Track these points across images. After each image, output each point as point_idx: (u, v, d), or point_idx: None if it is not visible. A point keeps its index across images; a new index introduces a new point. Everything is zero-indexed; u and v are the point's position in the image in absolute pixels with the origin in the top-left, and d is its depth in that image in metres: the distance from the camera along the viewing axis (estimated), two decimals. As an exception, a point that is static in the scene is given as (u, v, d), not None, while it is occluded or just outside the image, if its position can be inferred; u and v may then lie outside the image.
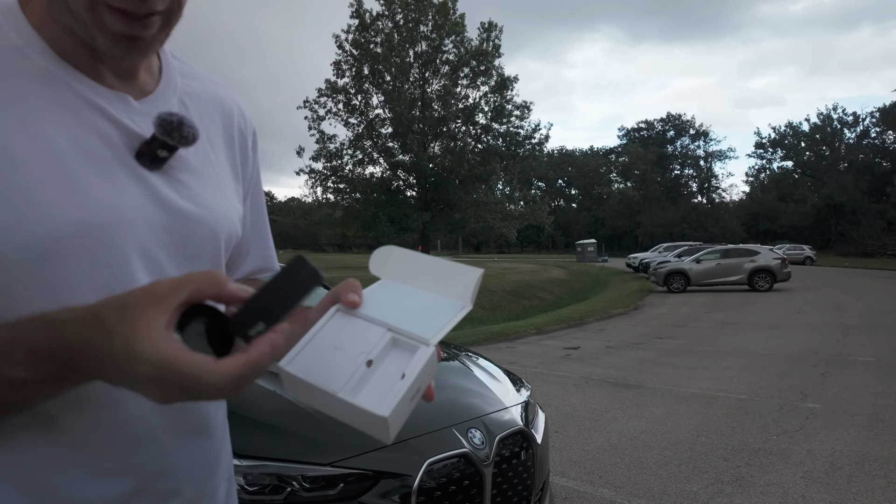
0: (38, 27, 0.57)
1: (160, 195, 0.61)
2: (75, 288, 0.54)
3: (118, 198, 0.57)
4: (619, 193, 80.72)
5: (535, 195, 38.79)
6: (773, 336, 9.16)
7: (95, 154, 0.57)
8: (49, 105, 0.55)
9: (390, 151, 29.76)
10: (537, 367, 7.14)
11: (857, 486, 3.41)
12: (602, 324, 11.53)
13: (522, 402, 2.45)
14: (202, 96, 0.72)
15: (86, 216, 0.54)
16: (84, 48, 0.58)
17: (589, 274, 25.37)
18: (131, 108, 0.61)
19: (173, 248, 0.62)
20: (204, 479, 0.67)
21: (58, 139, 0.55)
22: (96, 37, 0.55)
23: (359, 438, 1.88)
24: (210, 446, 0.68)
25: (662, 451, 4.05)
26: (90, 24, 0.54)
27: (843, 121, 70.77)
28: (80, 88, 0.58)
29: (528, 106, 29.87)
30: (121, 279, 0.57)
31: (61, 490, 0.55)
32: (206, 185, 0.67)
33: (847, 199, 56.90)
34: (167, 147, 0.60)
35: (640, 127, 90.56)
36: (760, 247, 19.44)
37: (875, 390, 5.57)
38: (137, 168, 0.60)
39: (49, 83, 0.56)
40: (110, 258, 0.56)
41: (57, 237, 0.53)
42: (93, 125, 0.58)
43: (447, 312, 0.59)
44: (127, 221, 0.57)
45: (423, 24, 28.77)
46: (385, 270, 0.65)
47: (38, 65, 0.56)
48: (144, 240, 0.59)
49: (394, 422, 0.51)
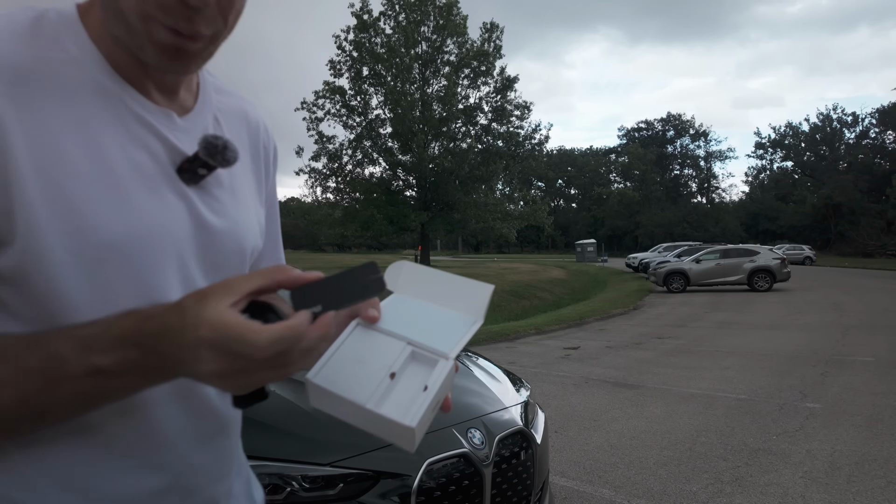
0: (95, 40, 0.59)
1: (197, 210, 0.64)
2: (119, 293, 0.58)
3: (162, 211, 0.61)
4: (618, 193, 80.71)
5: (535, 195, 38.76)
6: (772, 336, 9.16)
7: (143, 168, 0.60)
8: (104, 118, 0.58)
9: (390, 152, 29.75)
10: (537, 367, 7.14)
11: (857, 485, 3.41)
12: (602, 324, 11.53)
13: (522, 402, 2.45)
14: (232, 112, 0.75)
15: (134, 227, 0.58)
16: (134, 63, 0.60)
17: (589, 274, 25.38)
18: (175, 124, 0.64)
19: (204, 259, 0.66)
20: (223, 475, 0.72)
21: (111, 152, 0.58)
22: (146, 48, 0.57)
23: (358, 438, 1.88)
24: (227, 445, 0.72)
25: (662, 451, 4.05)
26: (142, 35, 0.56)
27: (842, 121, 70.80)
28: (131, 103, 0.60)
29: (528, 106, 29.88)
30: (158, 286, 0.60)
31: (101, 486, 0.59)
32: (235, 201, 0.70)
33: (846, 200, 56.89)
34: (207, 166, 0.63)
35: (639, 127, 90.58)
36: (760, 247, 19.46)
37: (874, 390, 5.57)
38: (178, 183, 0.63)
39: (104, 96, 0.58)
40: (151, 267, 0.60)
41: (109, 246, 0.56)
42: (141, 140, 0.60)
43: (461, 327, 0.62)
44: (168, 234, 0.61)
45: (425, 25, 28.77)
46: (398, 285, 0.67)
47: (94, 78, 0.58)
48: (181, 251, 0.63)
49: (419, 431, 0.54)
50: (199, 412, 0.66)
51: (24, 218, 0.52)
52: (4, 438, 0.54)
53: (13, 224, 0.52)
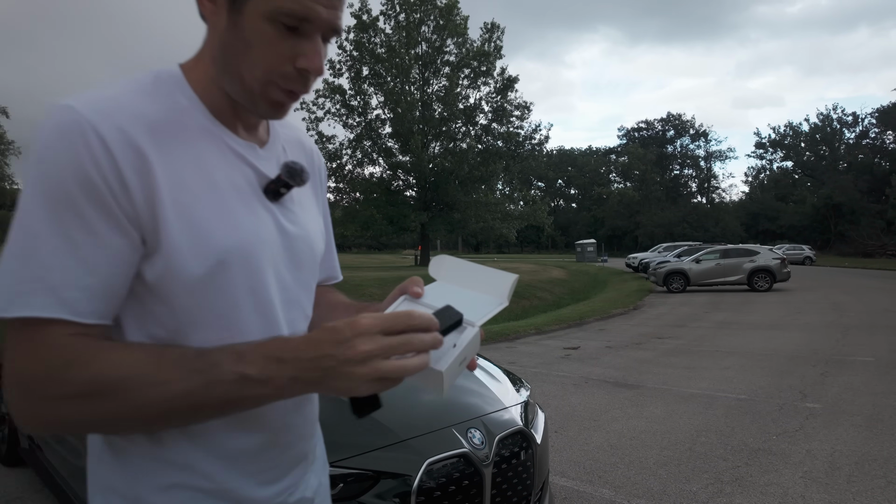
0: (197, 92, 0.76)
1: (279, 221, 0.80)
2: (233, 290, 0.74)
3: (257, 224, 0.77)
4: (618, 193, 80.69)
5: (535, 195, 38.75)
6: (772, 336, 9.16)
7: (241, 190, 0.76)
8: (211, 153, 0.74)
9: (390, 152, 29.73)
10: (537, 367, 7.14)
11: (857, 486, 3.41)
12: (602, 324, 11.53)
13: (522, 402, 2.45)
14: (293, 142, 0.92)
15: (240, 238, 0.74)
16: (229, 108, 0.77)
17: (588, 274, 25.37)
18: (258, 154, 0.80)
19: (288, 260, 0.82)
20: (310, 435, 0.90)
21: (218, 179, 0.74)
22: (259, 104, 0.74)
23: (359, 438, 1.88)
24: (312, 410, 0.90)
25: (662, 451, 4.05)
26: (257, 94, 0.73)
27: (842, 121, 70.77)
28: (228, 140, 0.77)
29: (529, 106, 29.87)
30: (261, 283, 0.77)
31: (223, 443, 0.77)
32: (303, 212, 0.87)
33: (846, 200, 56.88)
34: (287, 186, 0.80)
35: (639, 127, 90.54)
36: (760, 247, 19.44)
37: (874, 390, 5.57)
38: (264, 200, 0.79)
39: (208, 136, 0.75)
40: (254, 267, 0.76)
41: (222, 253, 0.72)
42: (238, 168, 0.77)
43: (488, 305, 0.79)
44: (263, 241, 0.77)
45: (426, 25, 28.75)
46: (440, 274, 0.86)
47: (200, 122, 0.75)
48: (273, 254, 0.79)
49: (448, 377, 0.69)
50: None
51: (165, 232, 0.68)
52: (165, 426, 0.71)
53: (158, 237, 0.68)
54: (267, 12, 0.68)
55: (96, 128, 0.65)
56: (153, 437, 0.74)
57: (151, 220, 0.68)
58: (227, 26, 0.71)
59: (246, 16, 0.69)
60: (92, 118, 0.65)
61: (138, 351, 0.67)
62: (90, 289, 0.65)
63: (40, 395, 0.63)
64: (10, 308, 0.63)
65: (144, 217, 0.68)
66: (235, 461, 0.78)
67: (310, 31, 0.70)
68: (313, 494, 0.90)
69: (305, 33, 0.70)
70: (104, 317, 0.68)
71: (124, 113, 0.68)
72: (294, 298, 0.83)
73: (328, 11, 0.70)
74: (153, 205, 0.68)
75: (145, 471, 0.74)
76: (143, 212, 0.67)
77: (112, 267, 0.67)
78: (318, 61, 0.71)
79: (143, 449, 0.75)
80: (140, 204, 0.67)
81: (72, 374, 0.63)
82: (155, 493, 0.74)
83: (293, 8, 0.68)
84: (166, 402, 0.65)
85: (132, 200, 0.67)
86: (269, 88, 0.72)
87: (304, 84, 0.73)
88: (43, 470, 3.14)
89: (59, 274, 0.64)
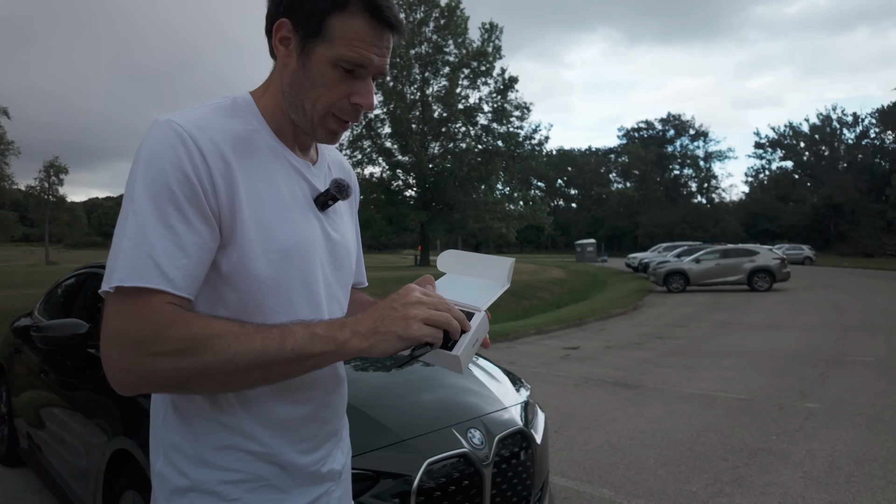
0: (265, 116, 0.93)
1: (325, 228, 0.97)
2: (289, 282, 0.89)
3: (310, 228, 0.93)
4: (618, 193, 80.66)
5: (535, 195, 38.72)
6: (772, 336, 9.16)
7: (298, 200, 0.93)
8: (276, 167, 0.91)
9: (389, 152, 29.71)
10: (537, 367, 7.14)
11: (857, 486, 3.41)
12: (601, 324, 11.53)
13: (522, 402, 2.45)
14: (335, 162, 1.09)
15: (297, 238, 0.90)
16: (290, 131, 0.94)
17: (588, 274, 25.36)
18: (311, 171, 0.97)
19: (331, 261, 0.98)
20: (341, 414, 1.05)
21: (282, 189, 0.90)
22: (317, 131, 0.92)
23: (358, 438, 1.88)
24: (344, 392, 1.05)
25: (662, 451, 4.05)
26: (317, 123, 0.90)
27: (842, 121, 70.72)
28: (289, 157, 0.94)
29: (528, 107, 29.84)
30: (312, 278, 0.92)
31: (272, 413, 0.91)
32: (343, 222, 1.04)
33: (846, 200, 56.87)
34: (334, 199, 0.97)
35: (639, 127, 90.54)
36: (760, 247, 19.41)
37: (874, 390, 5.57)
38: (315, 209, 0.96)
39: (273, 153, 0.92)
40: (307, 263, 0.91)
41: (283, 250, 0.88)
42: (296, 181, 0.94)
43: (491, 290, 0.94)
44: (314, 243, 0.93)
45: (426, 25, 28.73)
46: (448, 266, 1.03)
47: (267, 141, 0.91)
48: (320, 255, 0.95)
49: (464, 358, 0.83)
50: (333, 367, 0.98)
51: (240, 230, 0.84)
52: (244, 381, 0.82)
53: (234, 234, 0.84)
54: (331, 58, 0.86)
55: (195, 139, 0.81)
56: (214, 403, 0.88)
57: (230, 217, 0.84)
58: (296, 67, 0.88)
59: (314, 61, 0.86)
60: (192, 131, 0.82)
61: (224, 319, 0.82)
62: (184, 267, 0.79)
63: (144, 351, 0.77)
64: (128, 279, 0.77)
65: (226, 214, 0.83)
66: (282, 430, 0.91)
67: (364, 75, 0.88)
68: (341, 468, 1.04)
69: (360, 76, 0.88)
70: (191, 292, 0.81)
71: (215, 129, 0.85)
72: (334, 294, 0.99)
73: (380, 59, 0.88)
74: (233, 204, 0.84)
75: (206, 431, 0.88)
76: (225, 210, 0.83)
77: (200, 252, 0.81)
78: (370, 99, 0.90)
79: (205, 414, 0.88)
80: (224, 203, 0.83)
81: (173, 331, 0.77)
82: (213, 452, 0.88)
83: (353, 56, 0.85)
84: (248, 354, 0.78)
85: (218, 199, 0.83)
86: (327, 119, 0.90)
87: (356, 116, 0.91)
88: (42, 470, 3.14)
89: (164, 254, 0.78)
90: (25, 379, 3.46)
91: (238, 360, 0.78)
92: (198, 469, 0.87)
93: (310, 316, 0.89)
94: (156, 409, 0.94)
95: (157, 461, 0.92)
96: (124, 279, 0.77)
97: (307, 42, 0.86)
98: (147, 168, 0.80)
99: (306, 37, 0.86)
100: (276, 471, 0.91)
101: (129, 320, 0.77)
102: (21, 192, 49.46)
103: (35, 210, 51.03)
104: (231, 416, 0.88)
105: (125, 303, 0.78)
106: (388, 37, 0.89)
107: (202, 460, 0.87)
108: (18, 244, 71.58)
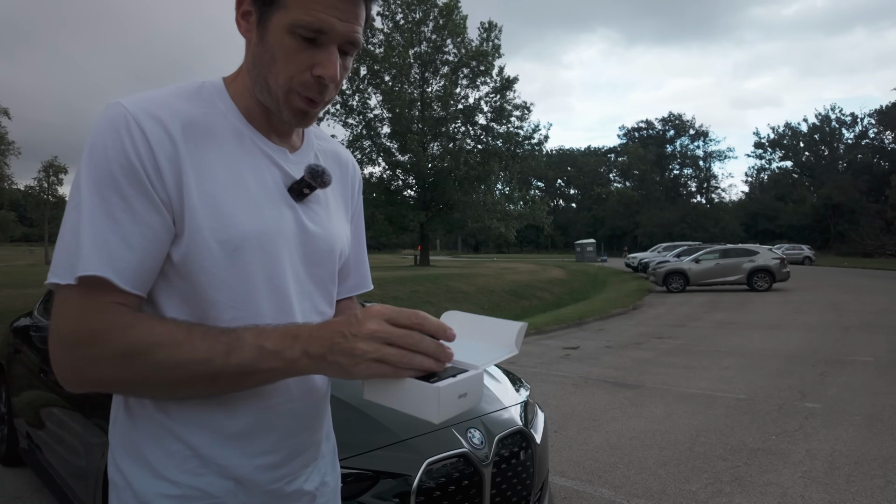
0: (235, 100, 0.86)
1: (300, 219, 0.88)
2: (250, 275, 0.81)
3: (278, 218, 0.85)
4: (618, 193, 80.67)
5: (535, 195, 38.71)
6: (772, 336, 9.16)
7: (267, 187, 0.85)
8: (241, 153, 0.84)
9: (389, 151, 29.69)
10: (536, 366, 7.14)
11: (856, 485, 3.41)
12: (601, 324, 11.53)
13: (522, 402, 2.45)
14: (327, 152, 1.01)
15: (260, 227, 0.82)
16: (262, 116, 0.87)
17: (588, 274, 25.36)
18: (287, 158, 0.89)
19: (305, 256, 0.89)
20: (316, 428, 0.96)
21: (246, 176, 0.83)
22: (283, 111, 0.83)
23: (358, 438, 1.88)
24: (319, 402, 0.95)
25: (661, 451, 4.05)
26: (283, 103, 0.82)
27: (841, 121, 70.81)
28: (258, 143, 0.86)
29: (528, 107, 29.81)
30: (277, 271, 0.84)
31: (215, 419, 0.83)
32: (328, 214, 0.94)
33: (846, 199, 56.89)
34: (310, 187, 0.88)
35: (639, 127, 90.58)
36: (759, 247, 19.42)
37: (874, 390, 5.58)
38: (288, 198, 0.87)
39: (240, 138, 0.85)
40: (271, 256, 0.83)
41: (243, 238, 0.80)
42: (266, 168, 0.86)
43: (496, 353, 0.83)
44: (282, 233, 0.85)
45: (425, 25, 28.70)
46: (456, 329, 0.92)
47: (234, 126, 0.85)
48: (290, 247, 0.86)
49: (443, 400, 0.70)
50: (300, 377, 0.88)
51: (190, 217, 0.77)
52: (187, 392, 0.78)
53: (184, 222, 0.77)
54: (287, 25, 0.77)
55: (139, 121, 0.76)
56: (160, 407, 0.82)
57: (179, 203, 0.77)
58: (256, 41, 0.81)
59: (270, 30, 0.79)
60: (136, 112, 0.76)
61: (170, 322, 0.78)
62: (127, 261, 0.74)
63: (83, 353, 0.73)
64: (66, 275, 0.72)
65: (174, 200, 0.77)
66: (233, 439, 0.84)
67: (326, 42, 0.79)
68: (314, 489, 0.94)
69: (322, 44, 0.78)
70: (139, 288, 0.76)
71: (164, 110, 0.78)
72: (307, 292, 0.90)
73: (343, 24, 0.78)
74: (180, 190, 0.77)
75: (153, 436, 0.82)
76: (173, 195, 0.77)
77: (147, 243, 0.76)
78: (333, 69, 0.79)
79: (152, 417, 0.83)
80: (171, 188, 0.77)
81: (112, 335, 0.73)
82: (162, 458, 0.82)
83: (309, 20, 0.76)
84: (191, 366, 0.74)
85: (166, 185, 0.76)
86: (290, 96, 0.81)
87: (320, 91, 0.81)
88: (42, 470, 3.13)
89: (103, 248, 0.73)
90: (25, 379, 3.46)
91: (179, 372, 0.74)
92: (142, 478, 0.82)
93: (275, 314, 0.83)
94: (114, 404, 0.89)
95: (110, 463, 0.87)
96: (62, 276, 0.72)
97: (264, 11, 0.79)
98: (90, 154, 0.75)
99: (263, 6, 0.79)
100: (230, 486, 0.83)
101: (69, 320, 0.73)
102: (20, 192, 49.45)
103: (34, 210, 50.93)
104: (178, 423, 0.82)
105: (66, 301, 0.74)
106: (355, 1, 0.80)
107: (147, 465, 0.82)
108: (18, 244, 71.48)
